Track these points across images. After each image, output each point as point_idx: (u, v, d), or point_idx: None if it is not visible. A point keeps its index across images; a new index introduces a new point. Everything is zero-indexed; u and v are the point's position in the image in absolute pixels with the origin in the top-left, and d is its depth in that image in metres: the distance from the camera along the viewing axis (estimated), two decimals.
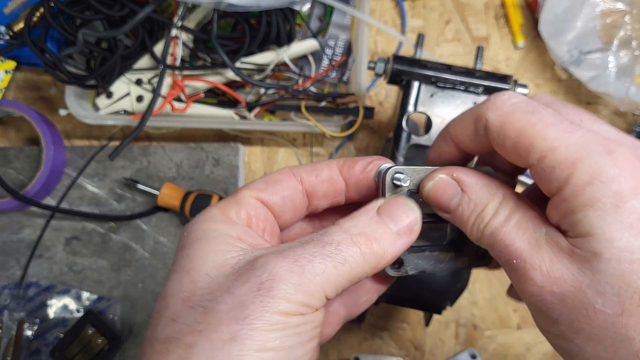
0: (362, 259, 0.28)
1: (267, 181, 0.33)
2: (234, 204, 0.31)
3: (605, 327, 0.25)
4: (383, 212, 0.30)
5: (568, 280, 0.25)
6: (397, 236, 0.29)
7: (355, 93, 0.70)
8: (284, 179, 0.33)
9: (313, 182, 0.33)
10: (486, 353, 0.73)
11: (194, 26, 0.71)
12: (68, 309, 0.73)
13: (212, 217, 0.30)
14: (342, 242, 0.27)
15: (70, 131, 0.79)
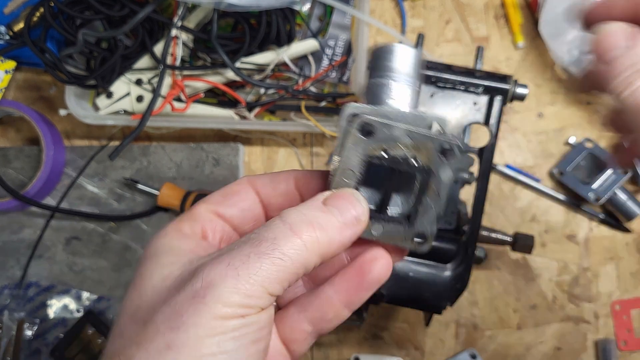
0: (304, 249, 0.27)
1: (225, 194, 0.32)
2: (188, 219, 0.31)
3: None
4: (329, 203, 0.29)
5: None
6: (341, 224, 0.28)
7: (356, 93, 0.70)
8: (242, 191, 0.32)
9: (269, 194, 0.33)
10: (486, 353, 0.73)
11: (194, 26, 0.71)
12: (68, 309, 0.73)
13: (165, 233, 0.31)
14: (280, 236, 0.26)
15: (70, 131, 0.79)
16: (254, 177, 0.33)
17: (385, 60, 0.32)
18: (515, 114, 0.77)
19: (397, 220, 0.32)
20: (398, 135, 0.30)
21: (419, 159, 0.31)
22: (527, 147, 0.77)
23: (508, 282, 0.74)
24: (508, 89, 0.58)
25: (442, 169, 0.31)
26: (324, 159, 0.77)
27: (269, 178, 0.33)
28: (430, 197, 0.32)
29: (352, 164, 0.30)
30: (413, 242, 0.32)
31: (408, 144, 0.30)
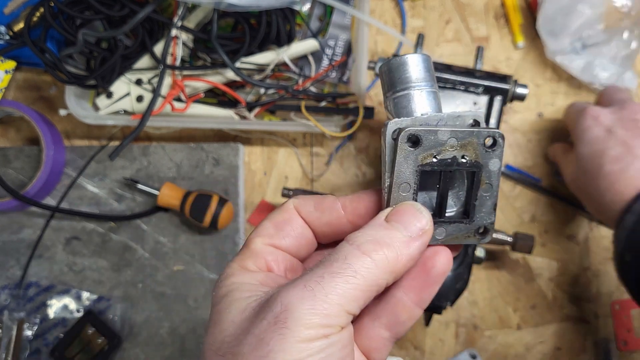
0: (374, 267, 0.27)
1: (276, 224, 0.33)
2: (249, 255, 0.32)
3: None
4: (391, 219, 0.30)
5: None
6: (408, 238, 0.29)
7: (355, 93, 0.70)
8: (292, 219, 0.33)
9: (315, 222, 0.34)
10: (486, 353, 0.73)
11: (194, 26, 0.71)
12: (68, 309, 0.73)
13: (232, 272, 0.31)
14: (350, 255, 0.27)
15: (70, 131, 0.79)
16: (299, 203, 0.34)
17: (401, 72, 0.33)
18: (515, 113, 0.77)
19: (457, 220, 0.33)
20: (444, 139, 0.31)
21: (466, 156, 0.31)
22: (526, 147, 0.77)
23: (508, 282, 0.74)
24: (508, 89, 0.58)
25: (491, 160, 0.32)
26: (324, 159, 0.77)
27: (315, 206, 0.33)
28: (484, 190, 0.33)
29: (406, 176, 0.31)
30: (476, 236, 0.33)
31: (454, 144, 0.31)
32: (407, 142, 0.31)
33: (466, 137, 0.31)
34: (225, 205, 0.71)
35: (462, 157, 0.32)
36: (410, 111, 0.33)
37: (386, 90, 0.34)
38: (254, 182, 0.77)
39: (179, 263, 0.74)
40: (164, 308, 0.73)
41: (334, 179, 0.77)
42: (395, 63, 0.33)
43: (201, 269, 0.73)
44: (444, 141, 0.31)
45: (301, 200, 0.34)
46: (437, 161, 0.31)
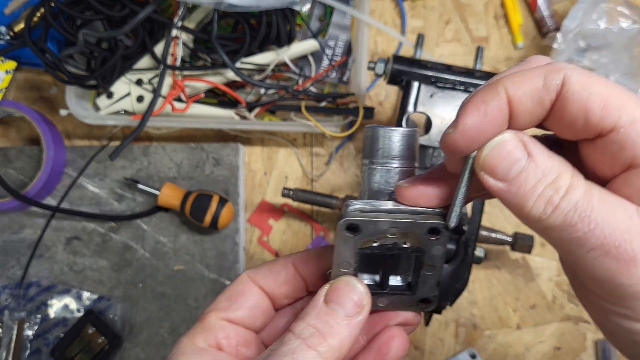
0: (319, 358, 0.28)
1: (230, 297, 0.34)
2: (201, 331, 0.32)
3: None
4: (329, 300, 0.30)
5: None
6: (349, 319, 0.30)
7: (355, 93, 0.70)
8: (246, 290, 0.34)
9: (272, 285, 0.34)
10: (486, 353, 0.73)
11: (194, 26, 0.71)
12: (68, 308, 0.73)
13: (183, 351, 0.31)
14: (297, 350, 0.28)
15: (70, 131, 0.79)
16: (253, 272, 0.34)
17: (382, 144, 0.32)
18: None
19: (400, 291, 0.34)
20: (384, 228, 0.31)
21: (408, 242, 0.32)
22: None
23: (508, 282, 0.74)
24: None
25: (434, 246, 0.32)
26: (324, 159, 0.77)
27: (268, 269, 0.34)
28: (426, 270, 0.33)
29: (345, 257, 0.32)
30: (418, 306, 0.34)
31: (395, 232, 0.31)
32: (345, 229, 0.31)
33: (408, 228, 0.31)
34: (226, 205, 0.71)
35: (404, 243, 0.32)
36: (380, 189, 0.32)
37: (365, 156, 0.33)
38: (254, 182, 0.77)
39: (179, 263, 0.74)
40: (164, 308, 0.73)
41: (334, 179, 0.77)
42: (381, 133, 0.32)
43: (201, 269, 0.73)
44: (384, 230, 0.31)
45: (256, 269, 0.35)
46: (378, 246, 0.32)
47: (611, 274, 0.24)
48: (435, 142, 0.58)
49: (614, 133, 0.24)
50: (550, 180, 0.25)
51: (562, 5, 0.79)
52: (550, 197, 0.25)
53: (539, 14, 0.78)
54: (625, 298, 0.24)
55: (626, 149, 0.24)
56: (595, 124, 0.24)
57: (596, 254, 0.24)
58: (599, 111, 0.24)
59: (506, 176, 0.26)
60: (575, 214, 0.24)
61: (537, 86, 0.25)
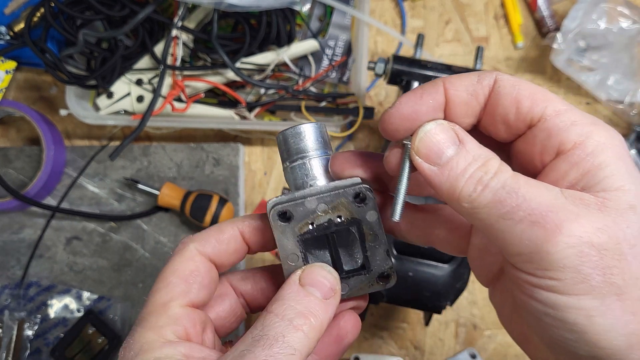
0: (306, 339, 0.29)
1: (185, 278, 0.32)
2: (168, 322, 0.31)
3: (637, 278, 0.25)
4: (305, 283, 0.31)
5: (606, 232, 0.25)
6: (325, 302, 0.30)
7: (355, 93, 0.70)
8: (199, 267, 0.33)
9: (222, 257, 0.34)
10: (486, 352, 0.73)
11: (194, 26, 0.71)
12: (68, 308, 0.73)
13: (150, 345, 0.29)
14: (285, 332, 0.28)
15: (70, 131, 0.79)
16: (200, 244, 0.33)
17: (293, 143, 0.34)
18: None
19: (356, 272, 0.34)
20: (312, 207, 0.32)
21: (342, 215, 0.33)
22: None
23: None
24: None
25: (366, 213, 0.33)
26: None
27: (216, 240, 0.34)
28: (370, 240, 0.34)
29: (290, 248, 0.33)
30: (379, 283, 0.34)
31: (326, 209, 0.32)
32: (278, 219, 0.32)
33: (334, 200, 0.32)
34: (226, 205, 0.71)
35: (338, 218, 0.33)
36: (302, 182, 0.34)
37: (283, 160, 0.35)
38: (254, 182, 0.77)
39: None
40: None
41: None
42: (289, 133, 0.34)
43: None
44: (314, 209, 0.32)
45: (200, 239, 0.34)
46: (314, 228, 0.32)
47: (539, 244, 0.25)
48: None
49: (541, 122, 0.27)
50: (480, 164, 0.27)
51: (562, 5, 0.79)
52: (480, 177, 0.27)
53: (539, 14, 0.78)
54: (552, 268, 0.25)
55: (552, 136, 0.27)
56: (525, 115, 0.28)
57: (524, 225, 0.25)
58: (528, 102, 0.27)
59: (439, 160, 0.28)
60: (503, 191, 0.26)
61: (472, 81, 0.29)
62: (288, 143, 0.34)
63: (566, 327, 0.25)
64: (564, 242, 0.25)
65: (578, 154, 0.26)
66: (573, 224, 0.25)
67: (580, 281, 0.25)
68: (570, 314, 0.25)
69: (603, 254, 0.25)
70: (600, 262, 0.24)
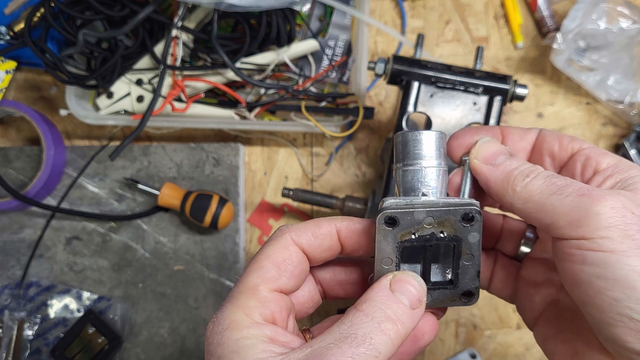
0: (391, 344, 0.29)
1: (278, 265, 0.33)
2: (256, 304, 0.31)
3: None
4: (395, 289, 0.32)
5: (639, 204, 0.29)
6: (412, 311, 0.31)
7: (355, 93, 0.70)
8: (292, 256, 0.34)
9: (315, 252, 0.35)
10: (486, 353, 0.73)
11: (194, 26, 0.71)
12: (68, 308, 0.73)
13: (238, 323, 0.30)
14: (373, 334, 0.29)
15: (70, 131, 0.79)
16: (296, 234, 0.34)
17: (413, 147, 0.35)
18: (514, 114, 0.78)
19: (442, 286, 0.35)
20: (420, 218, 0.33)
21: (445, 231, 0.33)
22: None
23: None
24: (508, 89, 0.58)
25: (470, 233, 0.33)
26: (324, 159, 0.77)
27: (313, 234, 0.34)
28: (465, 259, 0.34)
29: (387, 252, 0.33)
30: (461, 299, 0.35)
31: (432, 222, 0.33)
32: (384, 223, 0.33)
33: (443, 216, 0.33)
34: (226, 205, 0.71)
35: (441, 233, 0.33)
36: (413, 187, 0.35)
37: (396, 160, 0.36)
38: (254, 182, 0.77)
39: (179, 263, 0.74)
40: (164, 308, 0.73)
41: (333, 179, 0.77)
42: (411, 137, 0.35)
43: (201, 269, 0.73)
44: (421, 220, 0.33)
45: (297, 231, 0.34)
46: (416, 238, 0.33)
47: (587, 208, 0.29)
48: None
49: (580, 151, 0.34)
50: (529, 165, 0.33)
51: (562, 5, 0.79)
52: (530, 170, 0.32)
53: (539, 14, 0.78)
54: (600, 227, 0.28)
55: (591, 158, 0.33)
56: (566, 146, 0.35)
57: (573, 197, 0.30)
58: (568, 139, 0.35)
59: (493, 162, 0.34)
60: (553, 177, 0.31)
61: (521, 130, 0.37)
62: (407, 146, 0.35)
63: (618, 286, 0.27)
64: (609, 205, 0.28)
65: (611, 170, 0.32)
66: (615, 197, 0.29)
67: (627, 237, 0.28)
68: (621, 270, 0.27)
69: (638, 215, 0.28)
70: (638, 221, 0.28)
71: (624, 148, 0.74)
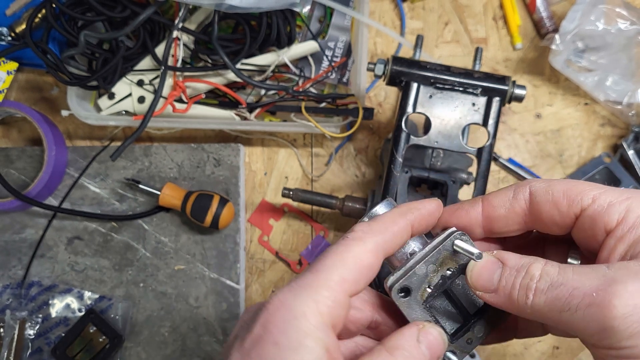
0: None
1: (359, 270, 0.31)
2: (331, 304, 0.29)
3: None
4: (421, 340, 0.32)
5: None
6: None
7: (355, 94, 0.71)
8: (372, 264, 0.32)
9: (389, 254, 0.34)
10: (485, 352, 0.73)
11: (195, 28, 0.71)
12: (70, 308, 0.73)
13: (308, 318, 0.28)
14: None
15: (72, 132, 0.79)
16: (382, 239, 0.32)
17: None
18: (513, 114, 0.78)
19: (474, 319, 0.36)
20: (424, 272, 0.34)
21: (450, 267, 0.34)
22: (525, 148, 0.77)
23: None
24: (506, 90, 0.58)
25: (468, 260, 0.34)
26: (324, 160, 0.78)
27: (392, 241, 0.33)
28: None
29: (420, 316, 0.34)
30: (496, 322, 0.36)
31: (435, 268, 0.34)
32: (400, 296, 0.34)
33: (438, 256, 0.34)
34: (226, 205, 0.71)
35: (448, 271, 0.34)
36: (399, 255, 0.35)
37: None
38: (254, 182, 0.78)
39: (180, 262, 0.74)
40: (165, 307, 0.73)
41: (333, 179, 0.77)
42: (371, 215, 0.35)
43: (202, 269, 0.74)
44: (425, 273, 0.34)
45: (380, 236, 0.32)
46: (433, 290, 0.34)
47: (601, 322, 0.27)
48: (435, 142, 0.58)
49: (583, 213, 0.31)
50: (524, 273, 0.30)
51: (560, 6, 0.79)
52: (528, 284, 0.30)
53: (537, 15, 0.78)
54: (623, 339, 0.27)
55: (597, 221, 0.30)
56: (567, 212, 0.31)
57: (582, 311, 0.28)
58: (565, 202, 0.31)
59: (491, 286, 0.32)
60: (553, 289, 0.29)
61: (508, 197, 0.33)
62: None
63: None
64: (620, 314, 0.27)
65: (622, 229, 0.29)
66: (623, 295, 0.27)
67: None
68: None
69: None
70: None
71: (622, 148, 0.74)
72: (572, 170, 0.76)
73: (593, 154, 0.77)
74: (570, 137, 0.77)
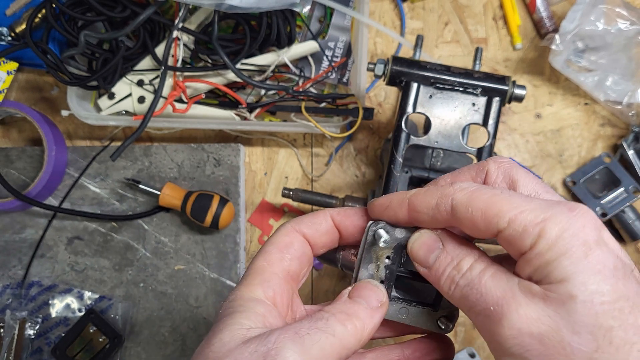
0: (347, 333, 0.31)
1: (281, 248, 0.36)
2: (260, 282, 0.34)
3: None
4: (353, 295, 0.34)
5: (546, 321, 0.27)
6: (371, 311, 0.33)
7: (355, 94, 0.71)
8: (293, 240, 0.36)
9: (314, 236, 0.37)
10: (485, 352, 0.73)
11: (195, 28, 0.71)
12: (70, 308, 0.73)
13: (241, 296, 0.33)
14: (330, 319, 0.31)
15: (72, 132, 0.79)
16: (296, 223, 0.37)
17: None
18: (513, 114, 0.78)
19: (423, 304, 0.37)
20: (366, 275, 0.36)
21: (389, 255, 0.35)
22: (525, 148, 0.77)
23: None
24: (506, 90, 0.58)
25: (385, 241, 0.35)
26: (324, 160, 0.78)
27: (310, 220, 0.37)
28: None
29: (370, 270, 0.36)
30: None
31: (375, 265, 0.35)
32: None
33: (370, 254, 0.36)
34: (226, 205, 0.71)
35: (387, 259, 0.35)
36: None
37: None
38: (254, 182, 0.78)
39: (180, 262, 0.74)
40: (165, 307, 0.73)
41: (333, 179, 0.77)
42: None
43: (202, 269, 0.74)
44: (370, 274, 0.36)
45: (297, 221, 0.37)
46: (387, 282, 0.36)
47: (492, 334, 0.29)
48: (435, 142, 0.58)
49: (500, 234, 0.30)
50: (455, 263, 0.32)
51: (560, 6, 0.79)
52: (453, 276, 0.32)
53: (537, 15, 0.78)
54: (506, 355, 0.28)
55: (511, 244, 0.30)
56: (485, 232, 0.31)
57: (482, 317, 0.30)
58: (483, 224, 0.30)
59: (427, 263, 0.33)
60: (467, 288, 0.31)
61: (431, 205, 0.33)
62: None
63: None
64: (506, 334, 0.28)
65: (531, 253, 0.29)
66: (514, 316, 0.28)
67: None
68: None
69: (545, 343, 0.27)
70: (544, 350, 0.27)
71: (622, 148, 0.74)
72: (572, 170, 0.76)
73: (593, 154, 0.77)
74: (570, 137, 0.77)
